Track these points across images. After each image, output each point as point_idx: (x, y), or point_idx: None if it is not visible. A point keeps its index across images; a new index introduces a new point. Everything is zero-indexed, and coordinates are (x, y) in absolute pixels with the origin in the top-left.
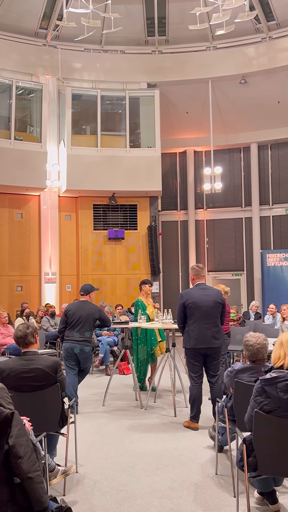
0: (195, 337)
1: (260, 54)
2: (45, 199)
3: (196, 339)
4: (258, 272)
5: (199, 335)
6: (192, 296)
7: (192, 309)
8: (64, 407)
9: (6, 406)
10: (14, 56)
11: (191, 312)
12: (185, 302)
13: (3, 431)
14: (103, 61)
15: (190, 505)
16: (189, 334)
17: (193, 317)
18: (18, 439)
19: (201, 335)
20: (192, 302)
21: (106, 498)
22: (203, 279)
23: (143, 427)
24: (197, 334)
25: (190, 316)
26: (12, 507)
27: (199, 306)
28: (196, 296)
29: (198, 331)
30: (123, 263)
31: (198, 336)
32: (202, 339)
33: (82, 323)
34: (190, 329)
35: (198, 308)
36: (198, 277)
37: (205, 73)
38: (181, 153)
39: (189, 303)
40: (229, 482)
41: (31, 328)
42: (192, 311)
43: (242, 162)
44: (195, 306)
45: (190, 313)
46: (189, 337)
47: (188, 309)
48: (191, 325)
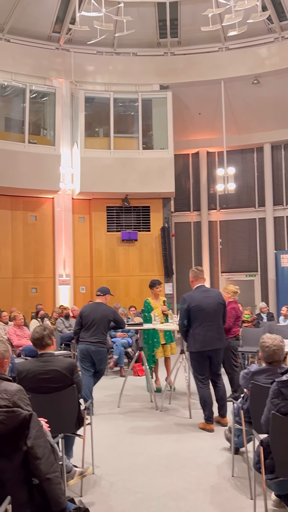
0: (200, 340)
1: (272, 54)
2: (58, 202)
3: (202, 341)
4: (272, 273)
5: (205, 338)
6: (195, 299)
7: (196, 312)
8: (80, 409)
9: (24, 408)
10: (28, 60)
11: (195, 315)
12: (189, 306)
13: (21, 433)
14: (115, 63)
15: (207, 507)
16: (195, 337)
17: (197, 320)
18: (37, 441)
19: (207, 337)
20: (196, 305)
21: (122, 499)
22: (202, 281)
23: (158, 429)
24: (203, 337)
25: (195, 319)
26: (31, 508)
27: (203, 308)
28: (199, 299)
29: (203, 333)
30: (137, 265)
31: (204, 339)
32: (208, 342)
33: (97, 325)
34: (195, 332)
35: (202, 311)
36: (197, 279)
37: (218, 74)
38: (193, 154)
39: (193, 306)
40: (245, 484)
41: (47, 330)
42: (196, 314)
43: (255, 162)
44: (199, 309)
45: (194, 316)
46: (194, 340)
47: (192, 312)
48: (196, 328)
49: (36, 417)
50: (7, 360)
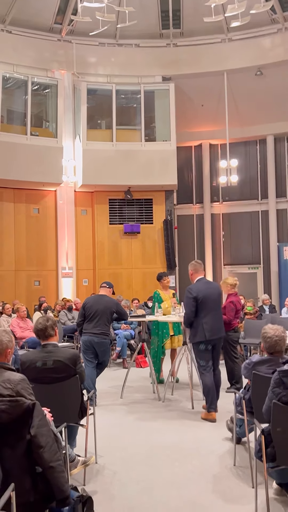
0: (209, 329)
1: (276, 45)
2: (61, 194)
3: (211, 330)
4: (275, 265)
5: (212, 327)
6: (201, 290)
7: (203, 302)
8: (83, 399)
9: (27, 397)
10: (30, 52)
11: (202, 306)
12: (196, 296)
13: (24, 422)
14: (117, 55)
15: (209, 496)
16: (203, 326)
17: (204, 310)
18: (40, 429)
19: (214, 326)
20: (203, 295)
21: (125, 488)
22: (202, 273)
23: (161, 419)
24: (211, 326)
25: (202, 309)
26: (34, 496)
27: (208, 298)
28: (205, 290)
29: (211, 322)
30: (139, 257)
31: (211, 328)
32: (215, 330)
33: (100, 316)
34: (203, 321)
35: (208, 301)
36: (197, 272)
37: (220, 65)
38: (196, 146)
39: (200, 296)
40: (247, 473)
41: (50, 321)
42: (203, 304)
43: (258, 154)
44: (205, 299)
45: (201, 307)
46: (203, 330)
47: (200, 303)
48: (203, 318)
49: (40, 406)
50: (11, 350)
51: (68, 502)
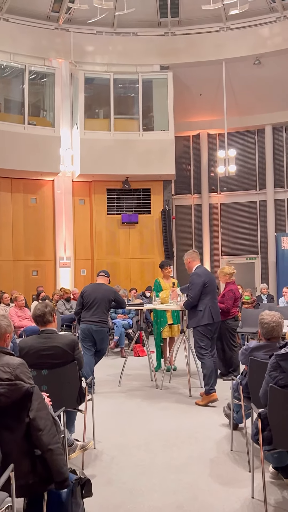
0: (215, 312)
1: (274, 34)
2: (59, 184)
3: (215, 314)
4: (273, 256)
5: (216, 310)
6: (207, 275)
7: (208, 287)
8: (81, 385)
9: (26, 381)
10: (27, 40)
11: (207, 290)
12: (204, 281)
13: (23, 405)
14: (115, 44)
15: (206, 479)
16: (210, 310)
17: (209, 295)
18: (39, 413)
19: (217, 310)
20: (209, 280)
21: (123, 472)
22: (199, 262)
23: (158, 406)
24: (215, 309)
25: (207, 293)
26: (33, 478)
27: (212, 284)
28: (209, 275)
29: (215, 306)
30: (137, 247)
31: (215, 312)
32: (218, 314)
33: (98, 304)
34: (209, 305)
35: (211, 286)
36: (194, 260)
37: (219, 54)
38: (194, 136)
39: (207, 281)
40: (244, 458)
41: (49, 307)
42: (208, 289)
43: (256, 144)
44: (210, 284)
45: (206, 291)
46: (210, 313)
47: (206, 287)
48: (209, 302)
49: (38, 390)
50: (9, 335)
51: (66, 484)
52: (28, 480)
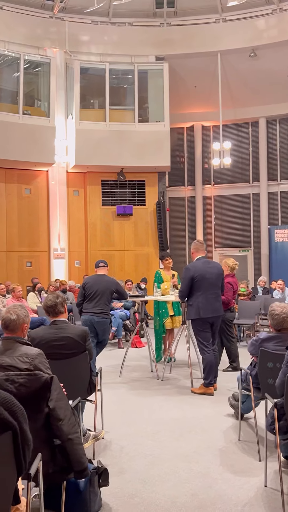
0: (204, 307)
1: (270, 27)
2: (53, 175)
3: (205, 309)
4: (266, 248)
5: (207, 306)
6: (198, 269)
7: (200, 281)
8: (92, 375)
9: (45, 371)
10: (21, 29)
11: (198, 285)
12: (193, 275)
13: (43, 395)
14: (110, 33)
15: (218, 468)
16: (198, 305)
17: (200, 289)
18: (58, 402)
19: (209, 305)
20: (199, 274)
21: (134, 461)
22: (203, 253)
23: (161, 397)
24: (205, 304)
25: (198, 288)
26: (53, 468)
27: (206, 278)
28: (202, 269)
29: (206, 302)
30: (132, 239)
31: (206, 307)
32: (210, 309)
33: (100, 296)
34: (198, 300)
35: (204, 280)
36: (197, 251)
37: (214, 46)
38: (188, 128)
39: (197, 275)
40: (252, 447)
41: (60, 298)
42: (199, 283)
43: (250, 137)
44: (202, 278)
45: (197, 286)
46: (199, 308)
47: (196, 282)
48: (199, 297)
49: (57, 380)
50: (27, 325)
51: (86, 473)
52: (47, 469)
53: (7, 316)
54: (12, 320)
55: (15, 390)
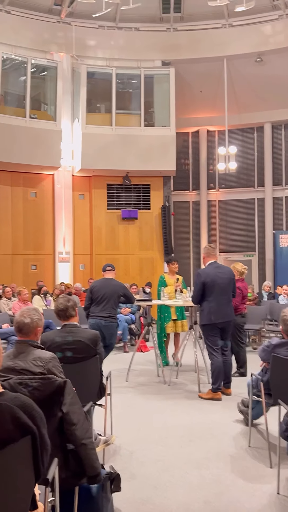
0: (214, 312)
1: (276, 32)
2: (59, 178)
3: (217, 314)
4: (270, 253)
5: (219, 311)
6: (209, 275)
7: (211, 286)
8: (102, 379)
9: (58, 375)
10: (29, 33)
11: (210, 290)
12: (204, 281)
13: (56, 399)
14: (117, 38)
15: (229, 475)
16: (210, 310)
17: (212, 295)
18: (72, 407)
19: (220, 310)
20: (211, 280)
21: (145, 467)
22: (214, 258)
23: (169, 402)
24: (217, 309)
25: (209, 293)
26: (65, 473)
27: (217, 283)
28: (213, 274)
29: (217, 307)
30: (136, 243)
31: (218, 312)
32: (221, 314)
33: (107, 299)
34: (210, 305)
35: (216, 286)
36: (209, 256)
37: (220, 51)
38: (193, 132)
39: (208, 281)
40: (263, 454)
41: (71, 301)
42: (211, 288)
43: (255, 142)
44: (213, 283)
45: (209, 291)
46: (210, 313)
47: (207, 287)
48: (210, 302)
49: (70, 384)
50: (40, 329)
51: (99, 479)
52: (60, 474)
53: (20, 319)
54: (25, 324)
55: (28, 394)
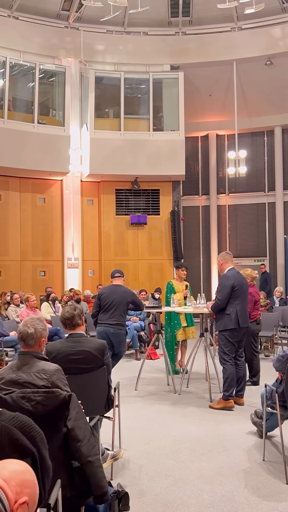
0: (242, 316)
1: (286, 35)
2: (67, 184)
3: (243, 318)
4: (282, 258)
5: (245, 315)
6: (237, 278)
7: (238, 290)
8: (110, 390)
9: (63, 388)
10: (37, 39)
11: (237, 294)
12: (233, 284)
13: (60, 414)
14: (125, 43)
15: (243, 492)
16: (236, 314)
17: (238, 299)
18: (77, 422)
19: (245, 315)
20: (238, 284)
21: (154, 483)
22: (232, 264)
23: (180, 412)
24: (242, 314)
25: (236, 297)
26: (70, 491)
27: (243, 288)
28: (239, 278)
29: (243, 311)
30: (145, 249)
31: (244, 316)
32: (245, 319)
33: (116, 307)
34: (236, 309)
35: (242, 290)
36: (227, 262)
37: (230, 54)
38: (203, 137)
39: (236, 284)
40: (278, 468)
41: (78, 309)
42: (238, 292)
43: (265, 146)
44: (240, 288)
45: (236, 295)
46: (237, 317)
47: (235, 291)
48: (237, 306)
49: (76, 398)
50: (45, 339)
51: (106, 498)
52: (65, 493)
53: (24, 329)
54: (29, 334)
55: (31, 408)
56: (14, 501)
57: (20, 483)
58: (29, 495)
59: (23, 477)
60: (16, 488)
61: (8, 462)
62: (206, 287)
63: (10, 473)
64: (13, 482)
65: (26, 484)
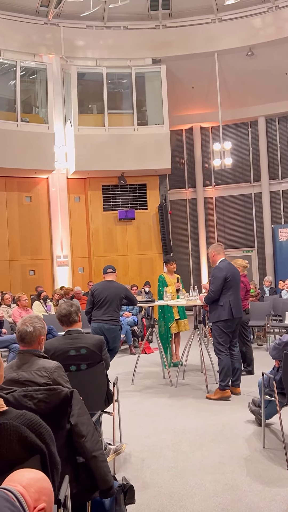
0: (235, 307)
1: (267, 25)
2: (53, 182)
3: (237, 308)
4: (270, 248)
5: (238, 305)
6: (230, 270)
7: (231, 281)
8: (109, 386)
9: (64, 385)
10: (16, 36)
11: (230, 285)
12: (226, 275)
13: (63, 410)
14: (106, 38)
15: (245, 479)
16: (230, 304)
17: (231, 289)
18: (80, 418)
19: (238, 306)
20: (231, 275)
21: (157, 475)
22: (223, 255)
23: (178, 404)
24: (236, 304)
25: (229, 288)
26: (76, 487)
27: (235, 279)
28: (232, 270)
29: (236, 302)
30: (135, 244)
31: (238, 306)
32: (239, 309)
33: (109, 302)
34: (229, 300)
35: (234, 281)
36: (219, 253)
37: (211, 46)
38: (187, 129)
39: (229, 276)
40: (278, 455)
41: (74, 306)
42: (231, 283)
43: (249, 136)
44: (233, 279)
45: (229, 286)
46: (230, 308)
47: (227, 282)
48: (229, 296)
49: (78, 394)
50: (44, 337)
51: (112, 492)
52: (71, 489)
53: (23, 328)
54: (28, 333)
55: (34, 406)
56: (33, 507)
57: (38, 490)
58: (46, 502)
59: (40, 485)
60: (35, 495)
61: (25, 471)
62: (196, 279)
63: (29, 481)
64: (31, 489)
65: (43, 492)
